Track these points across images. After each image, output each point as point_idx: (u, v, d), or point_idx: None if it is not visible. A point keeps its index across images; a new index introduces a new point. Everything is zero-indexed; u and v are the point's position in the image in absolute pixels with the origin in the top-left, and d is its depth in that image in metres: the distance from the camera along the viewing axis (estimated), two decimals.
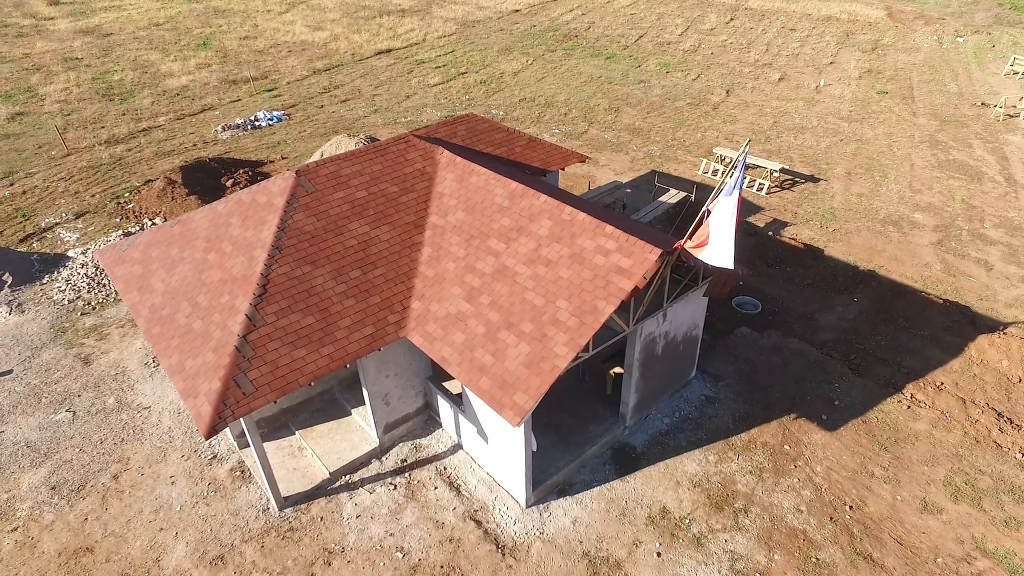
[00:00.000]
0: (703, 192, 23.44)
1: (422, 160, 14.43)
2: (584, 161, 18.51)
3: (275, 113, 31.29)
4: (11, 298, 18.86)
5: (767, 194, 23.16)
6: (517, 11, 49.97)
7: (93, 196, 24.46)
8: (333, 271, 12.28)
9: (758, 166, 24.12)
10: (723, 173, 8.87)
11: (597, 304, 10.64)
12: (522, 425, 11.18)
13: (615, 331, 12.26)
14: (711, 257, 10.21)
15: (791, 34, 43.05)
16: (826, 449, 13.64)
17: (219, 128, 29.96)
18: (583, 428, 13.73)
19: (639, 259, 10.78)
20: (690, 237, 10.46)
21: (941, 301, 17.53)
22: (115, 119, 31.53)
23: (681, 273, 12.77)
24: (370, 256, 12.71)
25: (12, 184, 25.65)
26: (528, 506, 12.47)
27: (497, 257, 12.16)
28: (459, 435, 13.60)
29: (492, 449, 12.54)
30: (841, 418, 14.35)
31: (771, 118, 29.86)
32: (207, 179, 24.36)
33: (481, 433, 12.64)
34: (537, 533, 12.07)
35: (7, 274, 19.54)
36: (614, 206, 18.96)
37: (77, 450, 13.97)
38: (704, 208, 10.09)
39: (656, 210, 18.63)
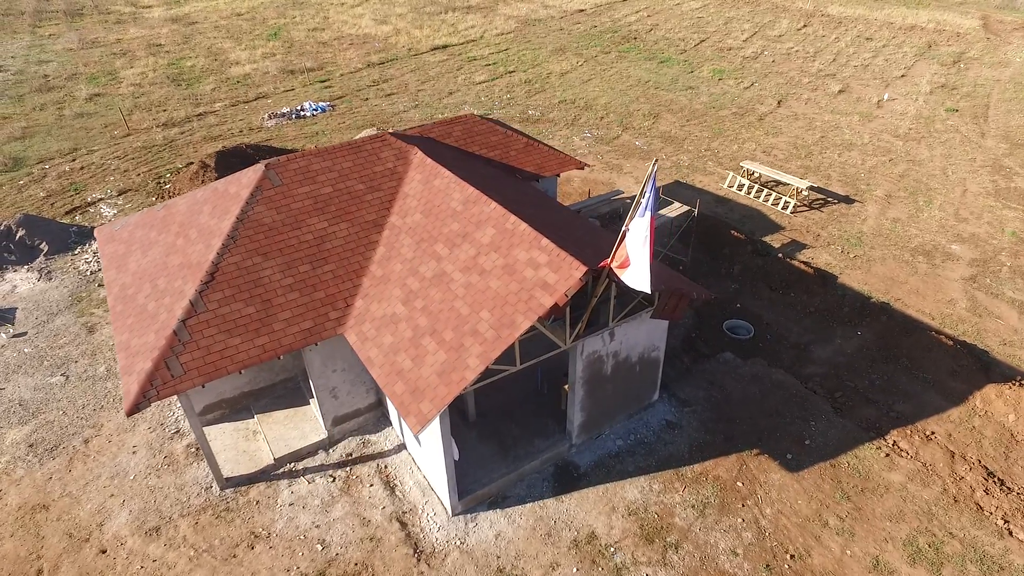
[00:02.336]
0: (722, 206, 22.47)
1: (395, 160, 14.53)
2: (583, 168, 18.11)
3: (320, 104, 32.32)
4: (43, 265, 20.43)
5: (792, 213, 21.90)
6: (582, 11, 49.39)
7: (139, 175, 26.11)
8: (283, 264, 12.59)
9: (785, 183, 22.85)
10: (638, 194, 8.49)
11: (516, 318, 10.40)
12: (436, 431, 11.12)
13: (557, 345, 11.95)
14: (631, 280, 9.77)
15: (865, 44, 40.40)
16: (782, 491, 12.79)
17: (266, 116, 31.27)
18: (528, 441, 13.48)
19: (564, 275, 10.45)
20: (614, 257, 10.05)
21: (952, 342, 16.02)
22: (177, 103, 33.49)
23: (636, 293, 12.28)
24: (323, 252, 12.94)
25: (74, 160, 27.73)
26: (455, 514, 12.39)
27: (439, 262, 12.11)
28: (403, 435, 13.67)
29: (424, 453, 12.53)
30: (808, 459, 13.42)
31: (819, 132, 28.17)
32: (239, 165, 25.43)
33: (415, 435, 12.63)
34: (458, 542, 11.98)
35: (44, 243, 21.17)
36: (609, 216, 18.45)
37: (61, 412, 14.99)
38: (623, 228, 9.66)
39: None
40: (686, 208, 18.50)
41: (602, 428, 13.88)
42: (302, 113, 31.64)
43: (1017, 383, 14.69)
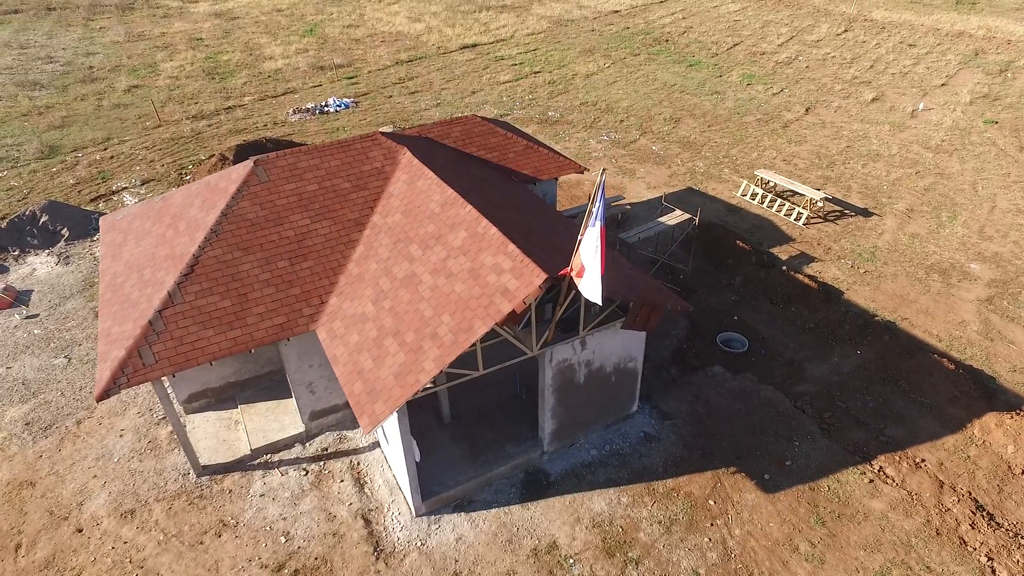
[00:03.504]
0: (732, 215, 21.95)
1: (383, 159, 14.62)
2: (582, 172, 17.91)
3: (344, 100, 32.79)
4: (63, 250, 21.26)
5: (805, 225, 21.24)
6: (616, 12, 48.89)
7: (163, 166, 26.92)
8: (262, 259, 12.80)
9: (799, 193, 22.18)
10: (588, 204, 8.36)
11: (474, 323, 10.35)
12: (396, 431, 11.16)
13: (523, 352, 11.84)
14: (584, 289, 9.61)
15: (908, 50, 38.89)
16: (755, 512, 12.42)
17: (290, 111, 31.88)
18: (499, 446, 13.41)
19: (525, 282, 10.35)
20: (572, 266, 9.90)
21: (955, 366, 15.29)
22: (209, 96, 34.41)
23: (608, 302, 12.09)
24: (303, 248, 13.11)
25: (106, 149, 28.78)
26: (418, 515, 12.41)
27: (411, 263, 12.14)
28: (378, 432, 13.76)
29: (391, 452, 12.59)
30: (786, 481, 13.00)
31: (845, 142, 27.24)
32: None
33: (384, 434, 12.72)
34: (418, 543, 12.00)
35: (65, 229, 22.02)
36: (607, 221, 18.18)
37: (59, 393, 15.57)
38: (579, 236, 9.51)
39: (649, 230, 17.64)
40: (687, 216, 18.12)
41: (576, 437, 13.71)
42: (326, 109, 32.15)
43: (1020, 413, 13.94)
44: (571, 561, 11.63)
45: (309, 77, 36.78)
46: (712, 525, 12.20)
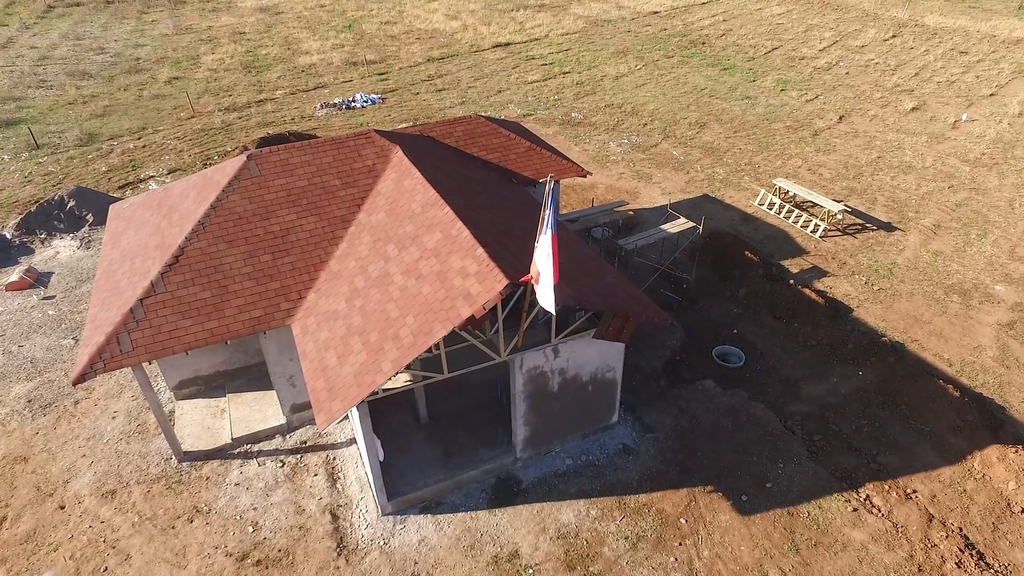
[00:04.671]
0: (747, 225, 21.30)
1: (375, 157, 14.67)
2: (584, 175, 17.63)
3: (371, 96, 33.14)
4: (86, 235, 22.08)
5: (821, 237, 20.46)
6: (655, 13, 48.09)
7: (191, 156, 27.69)
8: (246, 252, 12.99)
9: (818, 204, 21.37)
10: (541, 211, 8.26)
11: (433, 327, 10.28)
12: (359, 429, 11.17)
13: (491, 357, 11.71)
14: (539, 297, 9.43)
15: (958, 58, 37.09)
16: (727, 534, 12.01)
17: (318, 106, 32.40)
18: (473, 449, 13.32)
19: (487, 287, 10.22)
20: (531, 273, 9.72)
21: (960, 393, 14.48)
22: (243, 89, 35.25)
23: (583, 310, 11.86)
24: (287, 244, 13.25)
25: (140, 138, 29.77)
26: (385, 514, 12.42)
27: (387, 263, 12.14)
28: (354, 430, 13.84)
29: (361, 450, 12.64)
30: (764, 503, 12.53)
31: (876, 152, 26.14)
32: None
33: (356, 431, 12.78)
34: (381, 542, 12.01)
35: (90, 214, 22.86)
36: (605, 227, 17.83)
37: (63, 373, 16.16)
38: (535, 242, 9.33)
39: (650, 237, 17.23)
40: (690, 224, 17.66)
41: (552, 445, 13.51)
42: (352, 104, 32.55)
43: None
44: (531, 571, 11.46)
45: (341, 72, 37.31)
46: (680, 544, 11.85)
